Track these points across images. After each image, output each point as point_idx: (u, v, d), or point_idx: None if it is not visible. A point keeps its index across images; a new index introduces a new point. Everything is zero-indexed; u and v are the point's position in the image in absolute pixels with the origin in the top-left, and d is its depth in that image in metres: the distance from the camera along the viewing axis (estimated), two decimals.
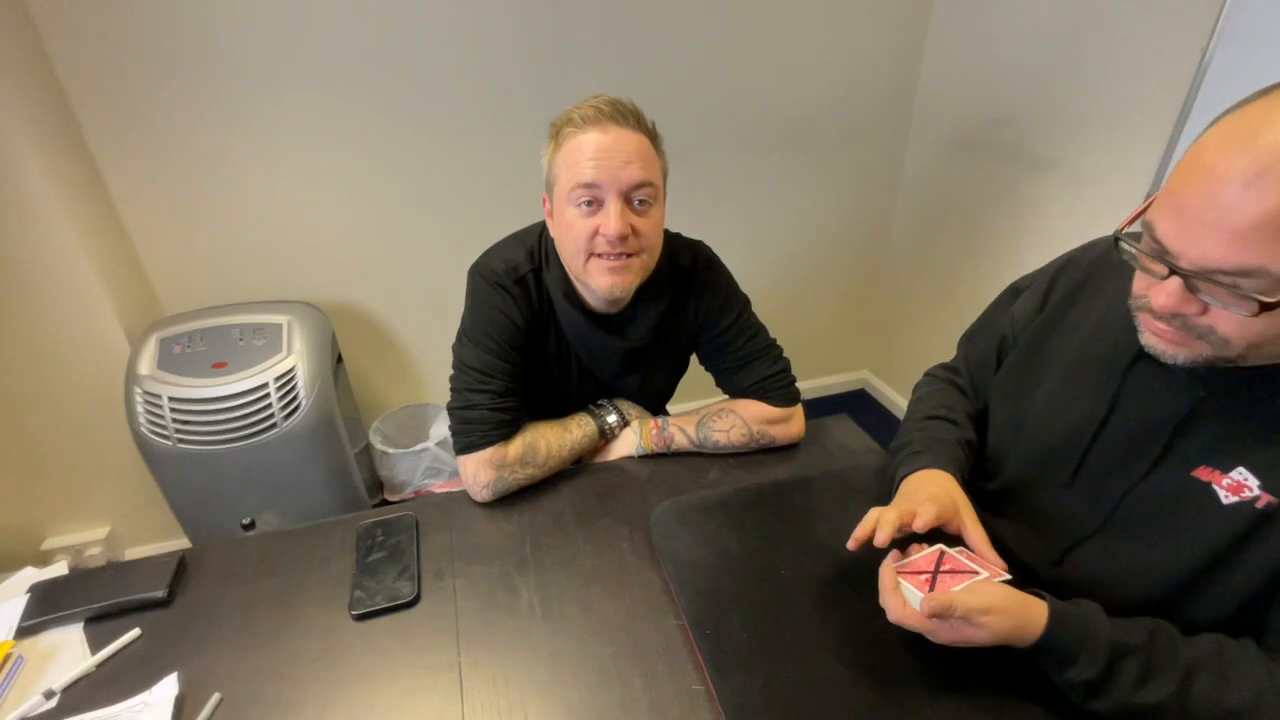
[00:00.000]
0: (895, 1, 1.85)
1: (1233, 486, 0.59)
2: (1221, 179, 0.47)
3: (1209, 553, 0.59)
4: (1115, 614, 0.63)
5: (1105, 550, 0.69)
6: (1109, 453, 0.69)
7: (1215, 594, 0.60)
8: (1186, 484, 0.61)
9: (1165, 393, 0.64)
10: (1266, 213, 0.46)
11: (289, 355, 1.49)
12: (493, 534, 0.89)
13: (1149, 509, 0.65)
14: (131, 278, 1.57)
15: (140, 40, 1.38)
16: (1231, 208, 0.47)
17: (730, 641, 0.69)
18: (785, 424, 1.02)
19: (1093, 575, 0.69)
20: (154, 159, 1.49)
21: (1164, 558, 0.63)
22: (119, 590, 0.78)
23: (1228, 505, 0.59)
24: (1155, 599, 0.64)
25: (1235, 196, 0.47)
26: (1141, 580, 0.65)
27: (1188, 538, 0.61)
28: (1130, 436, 0.66)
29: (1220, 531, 0.59)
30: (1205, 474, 0.60)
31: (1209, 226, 0.48)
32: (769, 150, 1.96)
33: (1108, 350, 0.70)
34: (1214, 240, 0.48)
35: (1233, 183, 0.47)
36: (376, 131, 1.61)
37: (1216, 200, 0.48)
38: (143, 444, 1.44)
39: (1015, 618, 0.59)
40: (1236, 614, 0.60)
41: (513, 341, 0.91)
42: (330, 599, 0.78)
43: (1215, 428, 0.61)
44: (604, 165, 0.80)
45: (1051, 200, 1.68)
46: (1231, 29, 1.20)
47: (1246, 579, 0.58)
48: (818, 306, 2.31)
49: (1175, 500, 0.62)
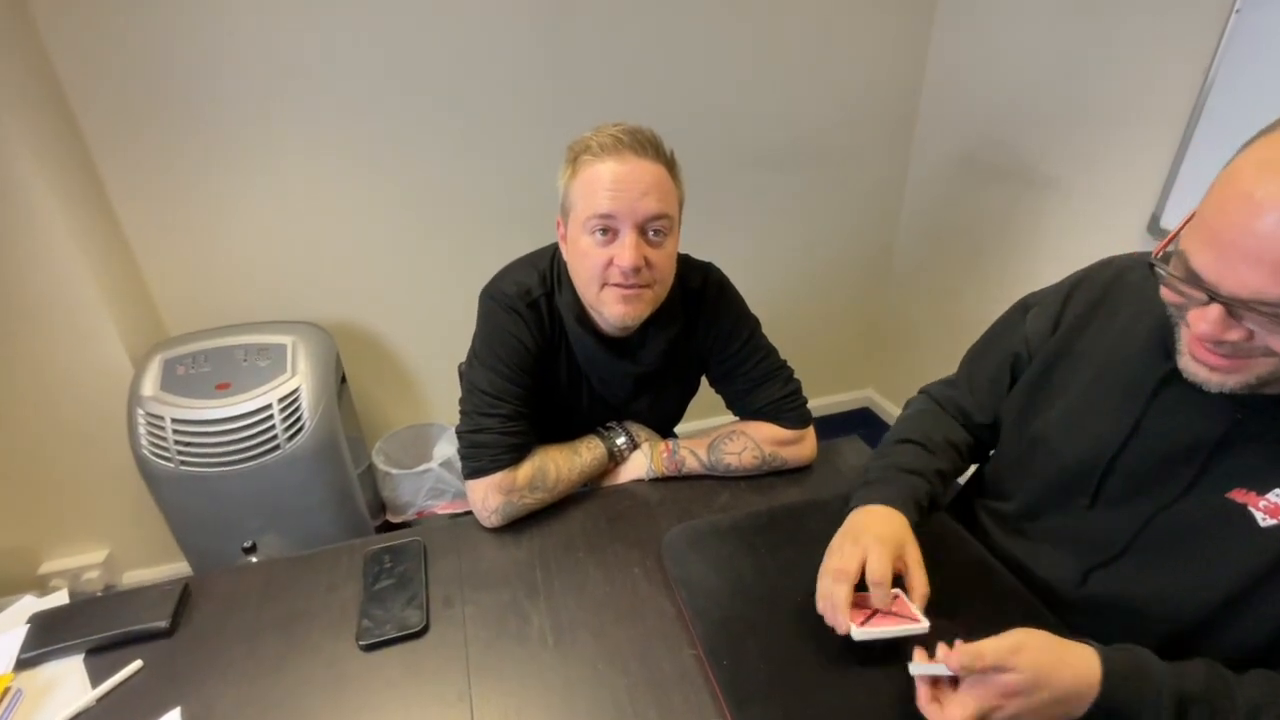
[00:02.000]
0: (896, 23, 1.87)
1: (1270, 509, 0.58)
2: (1259, 207, 0.46)
3: (1248, 576, 0.58)
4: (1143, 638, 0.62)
5: (1132, 573, 0.67)
6: (1133, 475, 0.68)
7: (1252, 619, 0.59)
8: (1221, 506, 0.60)
9: (1198, 415, 0.63)
10: None
11: (293, 376, 1.48)
12: (502, 560, 0.87)
13: (1180, 532, 0.64)
14: (135, 298, 1.56)
15: (147, 59, 1.39)
16: (1271, 237, 0.46)
17: (748, 672, 0.67)
18: (797, 445, 1.01)
19: (1118, 597, 0.68)
20: (159, 178, 1.49)
21: (1197, 581, 0.62)
22: (121, 620, 0.76)
23: (1266, 527, 0.57)
24: (1186, 623, 0.62)
25: (1275, 225, 0.46)
26: (1172, 604, 0.63)
27: (1223, 561, 0.60)
28: (1159, 459, 0.65)
29: (1259, 555, 0.58)
30: (1241, 496, 0.59)
31: (1247, 256, 0.47)
32: (772, 171, 1.97)
33: (1130, 372, 0.69)
34: (1253, 271, 0.47)
35: (1272, 211, 0.46)
36: (382, 151, 1.62)
37: (1254, 229, 0.47)
38: (144, 466, 1.43)
39: (1051, 652, 0.55)
40: (1273, 641, 0.58)
41: (524, 365, 0.91)
42: (337, 627, 0.77)
43: (1253, 450, 0.60)
44: (621, 196, 0.80)
45: (1052, 219, 1.69)
46: (1234, 49, 1.21)
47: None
48: (821, 325, 2.31)
49: (1209, 523, 0.61)
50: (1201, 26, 1.26)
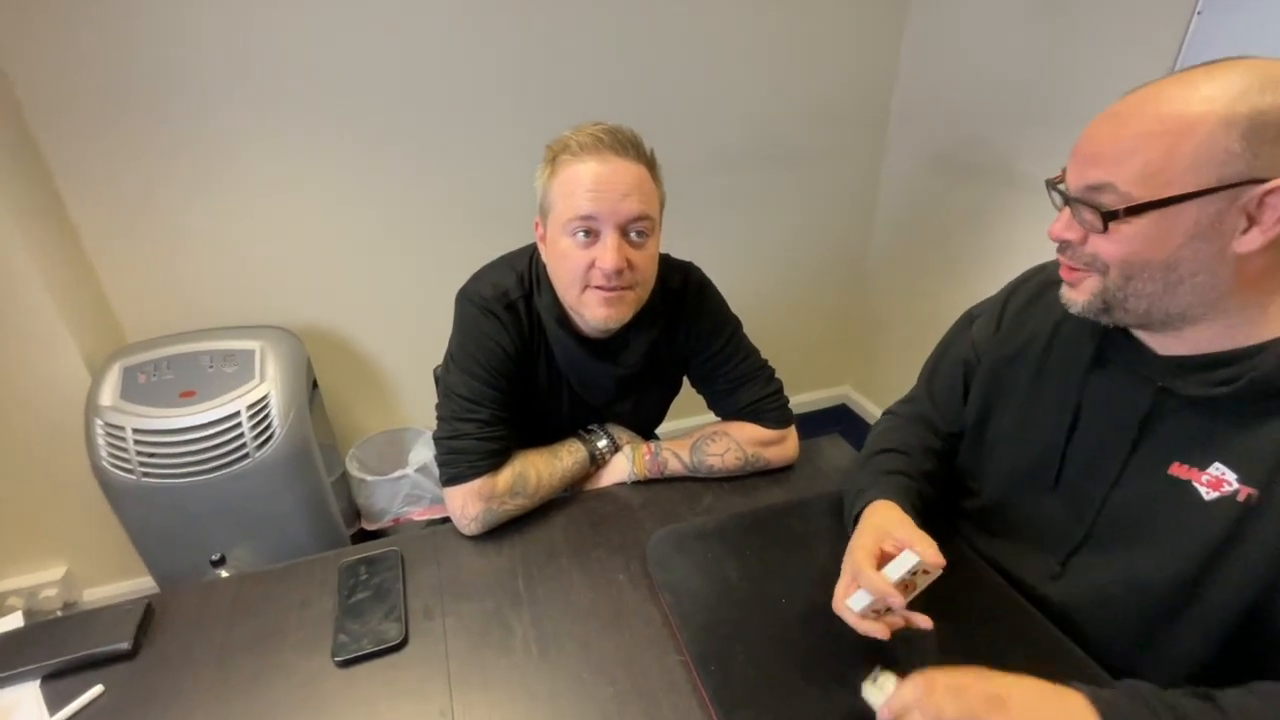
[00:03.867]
0: (869, 24, 1.89)
1: (1212, 482, 0.59)
2: (1096, 120, 0.58)
3: (1203, 552, 0.59)
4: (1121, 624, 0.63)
5: (1098, 558, 0.68)
6: (1082, 460, 0.70)
7: (1218, 596, 0.59)
8: (1166, 483, 0.62)
9: (1124, 392, 0.65)
10: (1117, 137, 0.55)
11: (262, 382, 1.44)
12: (483, 568, 0.85)
13: (1134, 514, 0.65)
14: (92, 304, 1.50)
15: (102, 58, 1.33)
16: (1093, 136, 0.58)
17: (736, 677, 0.66)
18: (780, 445, 1.00)
19: (1091, 584, 0.69)
20: (116, 178, 1.43)
21: (1158, 561, 0.62)
22: (80, 643, 0.72)
23: (1210, 501, 0.59)
24: (1157, 606, 0.63)
25: (1097, 128, 0.57)
26: (1140, 587, 0.64)
27: (1177, 538, 0.61)
28: (1100, 439, 0.67)
29: (1209, 530, 0.58)
30: (1183, 471, 0.61)
31: (1080, 154, 0.59)
32: (747, 171, 1.97)
33: (1063, 360, 0.72)
34: (1082, 163, 0.58)
35: (1102, 119, 0.57)
36: (351, 149, 1.57)
37: (1088, 134, 0.58)
38: (104, 478, 1.37)
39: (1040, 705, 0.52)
40: (1243, 619, 0.58)
41: (502, 369, 0.89)
42: (311, 644, 0.74)
43: (1182, 421, 0.61)
44: (602, 197, 0.79)
45: (1023, 216, 1.72)
46: (1196, 49, 1.24)
47: (1248, 576, 0.57)
48: (798, 323, 2.32)
49: (1159, 502, 0.62)
50: (1165, 27, 1.29)
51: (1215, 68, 0.53)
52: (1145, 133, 0.53)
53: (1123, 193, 0.55)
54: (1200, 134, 0.51)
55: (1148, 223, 0.55)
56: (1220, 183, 0.51)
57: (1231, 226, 0.53)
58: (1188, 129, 0.52)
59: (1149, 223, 0.55)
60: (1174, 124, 0.52)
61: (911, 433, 0.88)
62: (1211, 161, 0.51)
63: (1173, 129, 0.52)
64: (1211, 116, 0.51)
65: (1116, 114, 0.56)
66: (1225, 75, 0.52)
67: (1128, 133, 0.54)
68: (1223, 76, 0.52)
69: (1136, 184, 0.54)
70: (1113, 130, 0.56)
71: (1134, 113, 0.55)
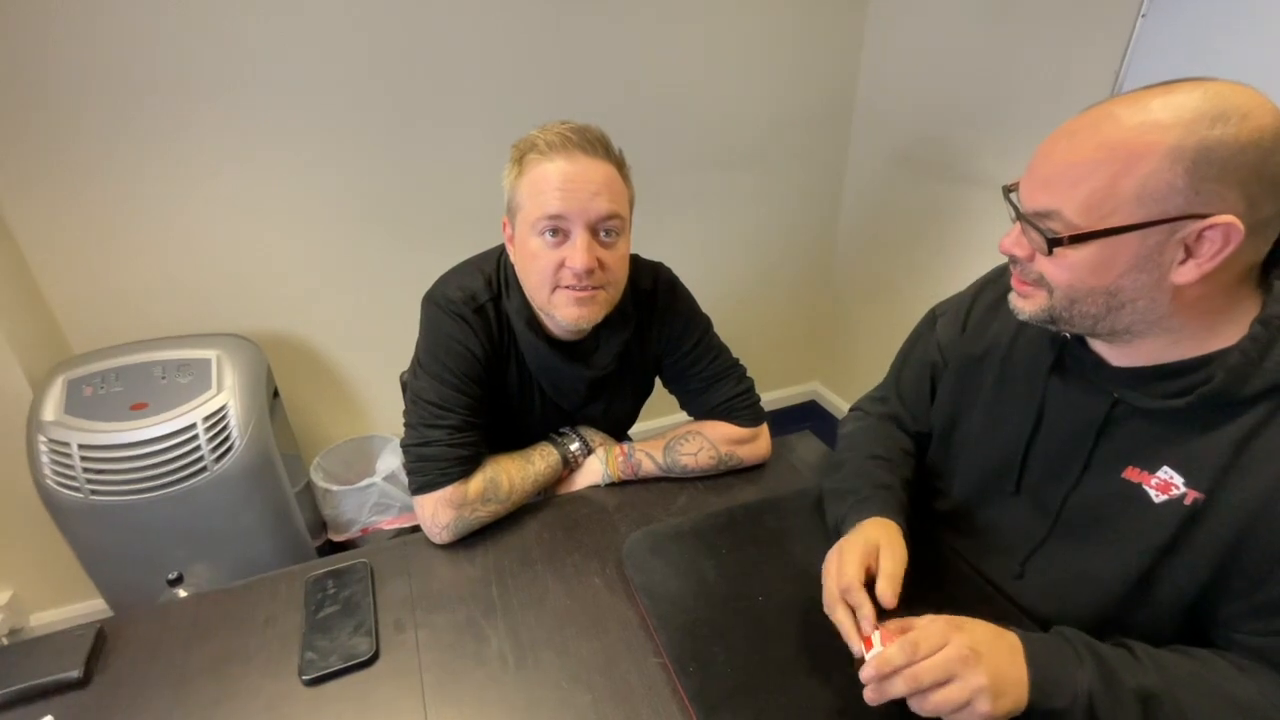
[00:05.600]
0: (830, 27, 1.91)
1: (1161, 485, 0.61)
2: (1052, 136, 0.58)
3: (1152, 552, 0.61)
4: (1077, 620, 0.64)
5: (1056, 558, 0.70)
6: (1044, 461, 0.71)
7: (1165, 594, 0.62)
8: (1119, 486, 0.64)
9: (1082, 399, 0.67)
10: (1067, 162, 0.56)
11: (219, 392, 1.38)
12: (455, 578, 0.83)
13: (1091, 513, 0.67)
14: (31, 313, 1.42)
15: (38, 56, 1.26)
16: (1048, 155, 0.58)
17: (714, 678, 0.66)
18: (752, 444, 1.00)
19: (1050, 583, 0.71)
20: (56, 181, 1.36)
21: (1111, 560, 0.65)
22: (27, 672, 0.69)
23: (1159, 504, 0.61)
24: (1110, 603, 0.65)
25: (1051, 146, 0.58)
26: (1094, 585, 0.66)
27: (1128, 539, 0.63)
28: (1060, 443, 0.69)
29: (1157, 531, 0.61)
30: (1135, 475, 0.63)
31: (1034, 174, 0.59)
32: (713, 170, 1.98)
33: (1026, 364, 0.73)
34: (1034, 185, 0.59)
35: (1058, 136, 0.58)
36: (310, 151, 1.53)
37: (1043, 151, 0.59)
38: (48, 497, 1.30)
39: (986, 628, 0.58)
40: (1189, 615, 0.61)
41: (471, 373, 0.87)
42: (277, 664, 0.71)
43: (1135, 427, 0.63)
44: (571, 196, 0.78)
45: (982, 214, 1.76)
46: (1142, 49, 1.29)
47: (1191, 575, 0.60)
48: (767, 321, 2.34)
49: (1112, 503, 0.64)
50: (1110, 30, 1.33)
51: (1173, 90, 0.53)
52: (1093, 160, 0.54)
53: (1068, 220, 0.55)
54: (1146, 167, 0.51)
55: (1091, 251, 0.56)
56: (1161, 216, 0.52)
57: (1170, 258, 0.54)
58: (1135, 160, 0.52)
59: (1092, 251, 0.56)
60: (1122, 153, 0.52)
61: (889, 435, 0.88)
62: (1155, 195, 0.52)
63: (1120, 158, 0.52)
64: (1159, 148, 0.51)
65: (1072, 133, 0.56)
66: (1180, 101, 0.51)
67: (1077, 158, 0.55)
68: (1177, 102, 0.51)
69: (1081, 213, 0.55)
70: (1065, 152, 0.56)
71: (1087, 137, 0.55)
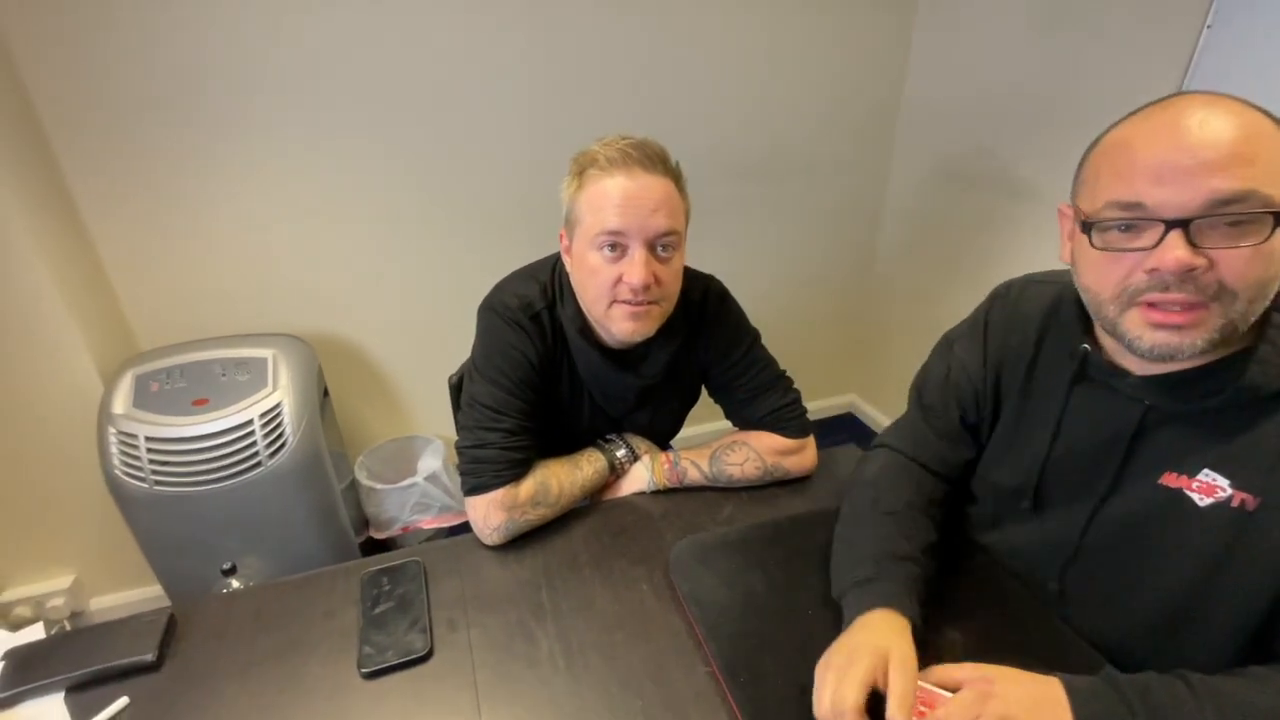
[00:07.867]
0: (876, 35, 1.90)
1: (1204, 488, 0.58)
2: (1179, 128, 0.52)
3: (1208, 558, 0.58)
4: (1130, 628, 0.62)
5: (1092, 573, 0.68)
6: (1065, 477, 0.69)
7: (1224, 609, 0.59)
8: (1157, 493, 0.61)
9: (1111, 409, 0.64)
10: (1233, 139, 0.49)
11: (275, 390, 1.43)
12: (504, 579, 0.85)
13: (1128, 526, 0.64)
14: (106, 312, 1.50)
15: (118, 69, 1.34)
16: (1204, 144, 0.50)
17: (767, 689, 0.66)
18: (799, 455, 1.00)
19: (1090, 595, 0.69)
20: (130, 187, 1.44)
21: (1159, 570, 0.62)
22: (103, 654, 0.72)
23: (1205, 508, 0.58)
24: (1164, 612, 0.62)
25: (1200, 125, 0.51)
26: (1142, 595, 0.64)
27: (1178, 547, 0.60)
28: (1084, 458, 0.67)
29: (1209, 534, 0.58)
30: (1174, 480, 0.60)
31: (1189, 167, 0.50)
32: (755, 179, 1.98)
33: (1044, 383, 0.71)
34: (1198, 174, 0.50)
35: (1187, 127, 0.51)
36: (363, 157, 1.58)
37: (1189, 142, 0.51)
38: (115, 487, 1.36)
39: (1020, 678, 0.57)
40: (1254, 631, 0.58)
41: (527, 379, 0.89)
42: (336, 656, 0.74)
43: (1170, 433, 0.61)
44: (630, 213, 0.79)
45: (1029, 228, 1.72)
46: (1207, 62, 1.25)
47: (1254, 586, 0.56)
48: (805, 332, 2.33)
49: (1153, 512, 0.62)
50: (1175, 40, 1.30)
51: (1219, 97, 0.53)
52: (1257, 133, 0.50)
53: (1265, 197, 0.49)
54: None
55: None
56: None
57: None
58: (1275, 132, 0.51)
59: None
60: (1267, 127, 0.50)
61: (917, 484, 0.81)
62: None
63: (1267, 131, 0.50)
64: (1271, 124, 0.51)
65: (1203, 120, 0.51)
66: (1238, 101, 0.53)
67: (1244, 133, 0.50)
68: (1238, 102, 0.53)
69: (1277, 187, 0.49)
70: (1221, 130, 0.50)
71: (1226, 114, 0.50)
